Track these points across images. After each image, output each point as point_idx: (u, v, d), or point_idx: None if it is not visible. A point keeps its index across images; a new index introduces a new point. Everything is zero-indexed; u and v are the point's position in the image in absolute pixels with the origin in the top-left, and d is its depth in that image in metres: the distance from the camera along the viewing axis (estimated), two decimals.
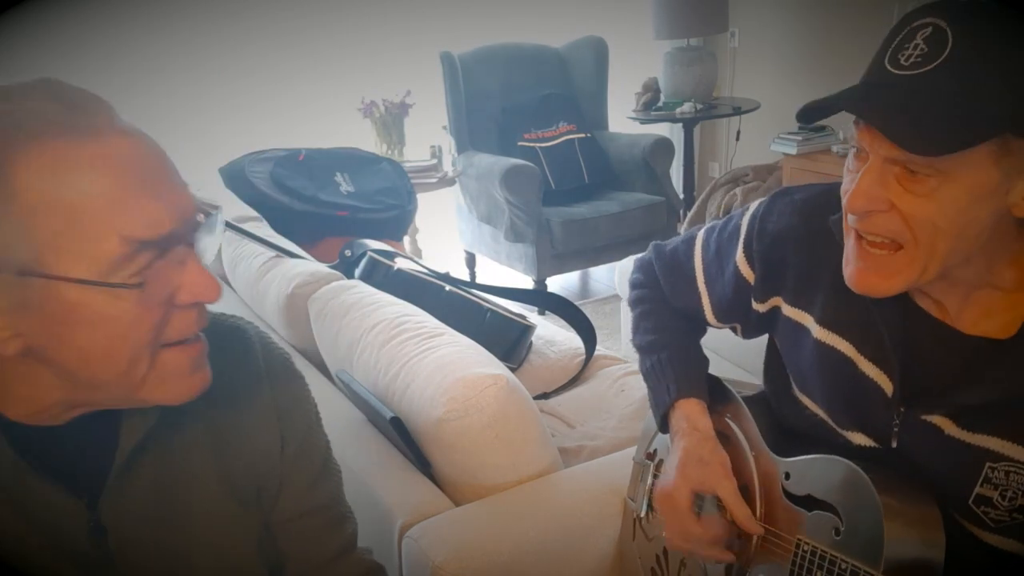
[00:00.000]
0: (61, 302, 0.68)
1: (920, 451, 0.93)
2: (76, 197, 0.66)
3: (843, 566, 0.90)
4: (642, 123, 4.39)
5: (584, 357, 2.10)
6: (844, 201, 0.87)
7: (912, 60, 0.79)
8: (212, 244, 0.77)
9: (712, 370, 1.20)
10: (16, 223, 0.66)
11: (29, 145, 0.66)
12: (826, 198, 1.00)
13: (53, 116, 0.67)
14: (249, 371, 0.90)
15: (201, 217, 0.75)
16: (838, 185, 0.94)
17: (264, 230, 2.32)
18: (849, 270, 0.89)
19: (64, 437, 0.78)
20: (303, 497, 0.94)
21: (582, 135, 4.14)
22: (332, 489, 0.98)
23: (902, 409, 0.94)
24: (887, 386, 0.94)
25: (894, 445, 0.95)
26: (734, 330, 1.20)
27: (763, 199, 1.09)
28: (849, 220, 0.88)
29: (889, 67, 0.81)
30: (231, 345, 0.89)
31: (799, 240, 1.02)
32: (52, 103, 0.68)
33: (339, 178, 2.88)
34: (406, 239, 3.76)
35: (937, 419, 0.92)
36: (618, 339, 3.08)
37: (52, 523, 0.77)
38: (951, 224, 0.81)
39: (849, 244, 0.89)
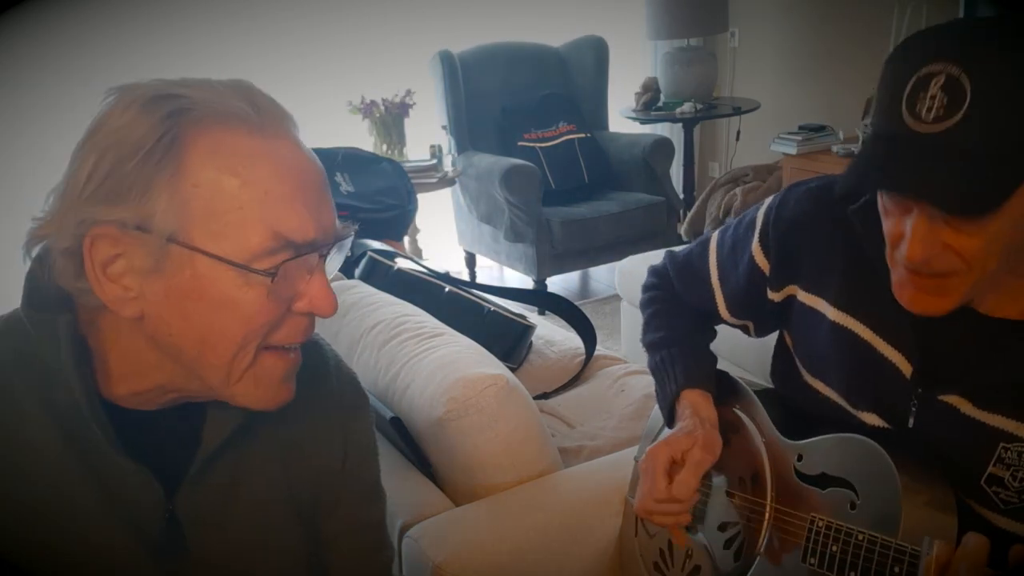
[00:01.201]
0: (195, 275, 0.70)
1: (935, 431, 0.95)
2: (238, 184, 0.70)
3: (859, 537, 0.91)
4: (642, 123, 4.39)
5: (584, 357, 2.09)
6: (895, 249, 0.87)
7: (934, 113, 0.78)
8: (336, 262, 0.80)
9: None
10: (179, 195, 0.69)
11: (207, 127, 0.70)
12: None
13: (236, 110, 0.71)
14: (324, 387, 0.92)
15: (339, 239, 0.78)
16: None
17: None
18: (904, 295, 0.90)
19: (153, 424, 0.80)
20: (355, 513, 0.96)
21: (582, 135, 4.14)
22: (380, 512, 1.00)
23: (919, 390, 0.95)
24: (905, 367, 0.96)
25: (911, 425, 0.97)
26: (746, 329, 1.20)
27: (778, 192, 1.10)
28: (898, 257, 0.88)
29: (909, 120, 0.80)
30: (310, 360, 0.90)
31: (814, 226, 1.04)
32: (238, 100, 0.72)
33: (339, 178, 2.88)
34: (406, 239, 3.76)
35: (954, 399, 0.93)
36: (618, 339, 3.08)
37: (133, 505, 0.78)
38: (1001, 247, 0.82)
39: (901, 273, 0.89)
